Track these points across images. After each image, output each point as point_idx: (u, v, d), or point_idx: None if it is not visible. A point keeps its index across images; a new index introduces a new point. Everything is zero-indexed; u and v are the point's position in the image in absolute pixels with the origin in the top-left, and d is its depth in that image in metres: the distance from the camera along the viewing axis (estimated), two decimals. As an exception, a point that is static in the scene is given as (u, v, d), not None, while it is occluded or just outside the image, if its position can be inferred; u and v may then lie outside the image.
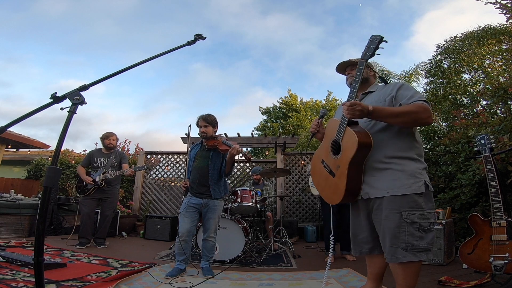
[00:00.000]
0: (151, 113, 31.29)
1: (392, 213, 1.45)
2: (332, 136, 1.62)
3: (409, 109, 1.46)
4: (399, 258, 1.43)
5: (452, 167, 3.56)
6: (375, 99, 1.65)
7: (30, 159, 8.71)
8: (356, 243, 1.72)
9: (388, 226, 1.46)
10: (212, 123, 2.70)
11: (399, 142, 1.53)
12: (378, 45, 1.47)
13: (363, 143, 1.45)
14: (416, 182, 1.46)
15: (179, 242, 2.51)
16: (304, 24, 26.34)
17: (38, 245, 1.04)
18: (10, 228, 4.10)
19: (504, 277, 2.07)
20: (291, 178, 6.04)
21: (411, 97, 1.51)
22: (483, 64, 5.70)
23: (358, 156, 1.47)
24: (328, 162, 1.66)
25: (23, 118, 1.07)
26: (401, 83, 1.64)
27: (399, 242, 1.43)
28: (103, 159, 3.92)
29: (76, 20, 24.02)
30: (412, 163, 1.51)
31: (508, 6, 4.43)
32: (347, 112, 1.45)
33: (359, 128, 1.52)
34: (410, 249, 1.41)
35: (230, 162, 2.64)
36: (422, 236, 1.42)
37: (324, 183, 1.70)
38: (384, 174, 1.51)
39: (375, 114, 1.46)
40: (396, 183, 1.47)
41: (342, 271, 2.69)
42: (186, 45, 1.48)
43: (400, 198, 1.45)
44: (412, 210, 1.43)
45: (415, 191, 1.45)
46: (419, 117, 1.46)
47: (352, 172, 1.51)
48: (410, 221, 1.42)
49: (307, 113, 15.93)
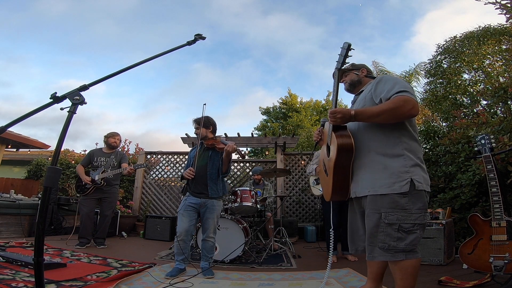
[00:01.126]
0: (151, 113, 31.33)
1: (372, 213, 1.46)
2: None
3: (388, 106, 1.43)
4: (375, 256, 1.45)
5: (452, 167, 3.56)
6: (361, 98, 1.70)
7: (30, 159, 8.71)
8: (352, 240, 1.74)
9: (368, 225, 1.48)
10: (205, 125, 2.76)
11: (385, 138, 1.52)
12: (347, 52, 1.53)
13: (342, 148, 1.51)
14: (398, 182, 1.42)
15: (178, 242, 2.51)
16: (305, 24, 26.37)
17: (38, 245, 1.04)
18: (10, 228, 4.10)
19: (504, 277, 2.07)
20: (291, 178, 6.04)
21: (389, 91, 1.48)
22: (483, 64, 5.70)
23: (340, 159, 1.53)
24: (325, 161, 1.77)
25: (23, 118, 1.07)
26: (379, 78, 1.64)
27: (377, 241, 1.44)
28: (103, 158, 3.93)
29: (77, 20, 24.03)
30: (398, 160, 1.46)
31: (508, 6, 4.43)
32: (330, 119, 1.53)
33: (343, 133, 1.56)
34: (386, 249, 1.41)
35: (227, 161, 2.66)
36: (402, 237, 1.39)
37: (323, 182, 1.83)
38: (367, 172, 1.52)
39: (358, 117, 1.49)
40: (376, 182, 1.46)
41: (342, 271, 2.70)
42: (186, 45, 1.48)
43: (380, 198, 1.45)
44: (392, 210, 1.41)
45: (396, 191, 1.41)
46: (401, 112, 1.42)
47: (337, 173, 1.58)
48: (388, 221, 1.41)
49: (307, 113, 15.94)
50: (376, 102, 1.54)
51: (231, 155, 2.65)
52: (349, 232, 1.77)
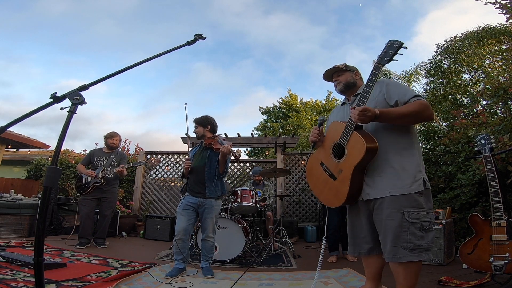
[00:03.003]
0: (152, 113, 31.32)
1: (394, 213, 1.45)
2: (335, 139, 1.60)
3: (413, 109, 1.47)
4: (400, 257, 1.43)
5: (452, 167, 3.56)
6: (371, 98, 1.64)
7: (30, 159, 8.70)
8: (355, 243, 1.72)
9: (390, 226, 1.46)
10: (203, 124, 2.78)
11: (401, 140, 1.55)
12: (397, 51, 1.43)
13: (371, 148, 1.46)
14: (416, 181, 1.47)
15: (176, 241, 2.52)
16: (307, 24, 26.35)
17: (38, 245, 1.04)
18: (10, 228, 4.09)
19: (504, 277, 2.07)
20: (291, 178, 6.04)
21: (405, 94, 1.54)
22: (483, 64, 5.70)
23: (364, 161, 1.48)
24: (328, 165, 1.65)
25: (23, 118, 1.07)
26: (387, 81, 1.68)
27: (401, 241, 1.43)
28: (103, 157, 3.94)
29: (77, 20, 24.04)
30: (414, 160, 1.52)
31: (508, 6, 4.43)
32: (358, 117, 1.43)
33: (365, 133, 1.51)
34: (412, 249, 1.41)
35: (222, 162, 2.65)
36: (423, 235, 1.43)
37: (323, 186, 1.69)
38: (386, 174, 1.51)
39: (382, 117, 1.47)
40: (397, 183, 1.48)
41: (342, 271, 2.69)
42: (186, 45, 1.48)
43: (402, 198, 1.46)
44: (414, 209, 1.44)
45: (415, 190, 1.46)
46: (423, 115, 1.51)
47: (355, 176, 1.51)
48: (412, 220, 1.43)
49: (307, 113, 15.93)
50: (391, 104, 1.56)
51: (227, 157, 2.63)
52: (350, 235, 1.74)
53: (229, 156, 2.64)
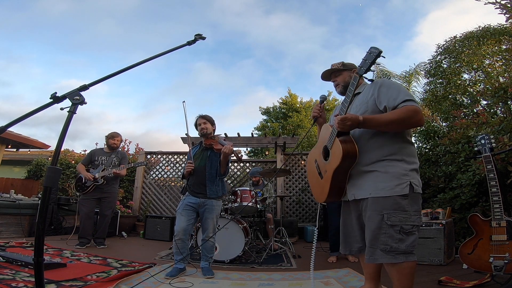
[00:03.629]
0: (152, 113, 31.31)
1: (374, 214, 1.46)
2: (325, 141, 1.66)
3: (399, 116, 1.43)
4: (376, 259, 1.44)
5: (452, 167, 3.56)
6: (360, 101, 1.66)
7: (30, 159, 8.71)
8: (346, 242, 1.74)
9: (369, 227, 1.48)
10: (211, 121, 2.80)
11: (389, 145, 1.53)
12: (374, 60, 1.43)
13: (348, 154, 1.48)
14: (399, 184, 1.45)
15: (176, 241, 2.52)
16: (307, 24, 26.28)
17: (38, 245, 1.04)
18: (10, 228, 4.10)
19: (504, 277, 2.07)
20: (291, 178, 6.04)
21: (395, 99, 1.48)
22: (483, 64, 5.70)
23: (342, 165, 1.51)
24: (319, 163, 1.73)
25: (23, 118, 1.07)
26: (381, 82, 1.62)
27: (379, 243, 1.43)
28: (104, 157, 3.95)
29: (78, 20, 24.01)
30: (399, 165, 1.49)
31: (507, 6, 4.44)
32: (338, 126, 1.47)
33: (347, 138, 1.53)
34: (388, 251, 1.41)
35: (224, 162, 2.65)
36: (403, 238, 1.41)
37: (315, 181, 1.78)
38: (369, 176, 1.52)
39: (365, 124, 1.47)
40: (379, 185, 1.47)
41: (342, 271, 2.70)
42: (186, 45, 1.48)
43: (382, 200, 1.45)
44: (395, 212, 1.43)
45: (398, 193, 1.44)
46: (410, 122, 1.46)
47: (336, 178, 1.57)
48: (391, 223, 1.42)
49: (307, 113, 15.91)
50: (381, 109, 1.54)
51: (229, 157, 2.63)
52: (342, 234, 1.77)
53: (230, 156, 2.64)
